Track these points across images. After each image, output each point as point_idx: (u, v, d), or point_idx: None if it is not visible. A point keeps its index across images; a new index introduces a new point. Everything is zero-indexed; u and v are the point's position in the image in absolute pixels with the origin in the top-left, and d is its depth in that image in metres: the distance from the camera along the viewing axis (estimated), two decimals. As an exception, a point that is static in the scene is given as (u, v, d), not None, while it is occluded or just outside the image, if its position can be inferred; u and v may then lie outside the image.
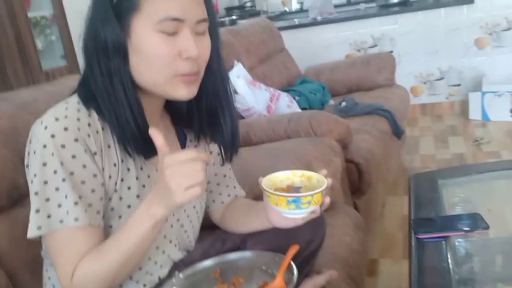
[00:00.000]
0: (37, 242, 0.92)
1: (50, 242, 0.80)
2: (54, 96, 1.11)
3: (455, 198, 1.37)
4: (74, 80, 0.92)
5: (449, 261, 1.04)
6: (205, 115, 0.96)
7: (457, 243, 1.11)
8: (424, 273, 1.04)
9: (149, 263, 0.94)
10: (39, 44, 2.62)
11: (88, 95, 0.84)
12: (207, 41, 0.86)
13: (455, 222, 1.18)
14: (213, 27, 0.89)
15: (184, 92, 0.85)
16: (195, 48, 0.81)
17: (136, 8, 0.79)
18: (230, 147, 1.00)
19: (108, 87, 0.81)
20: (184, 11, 0.80)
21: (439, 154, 2.95)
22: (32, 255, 0.98)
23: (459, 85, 3.68)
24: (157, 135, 0.78)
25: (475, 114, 3.45)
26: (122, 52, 0.81)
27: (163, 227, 0.93)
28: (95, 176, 0.81)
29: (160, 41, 0.80)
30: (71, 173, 0.78)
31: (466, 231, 1.13)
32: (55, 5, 2.63)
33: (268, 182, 0.91)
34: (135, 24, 0.80)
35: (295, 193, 0.86)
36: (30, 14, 2.48)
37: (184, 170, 0.73)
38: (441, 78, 3.71)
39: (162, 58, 0.81)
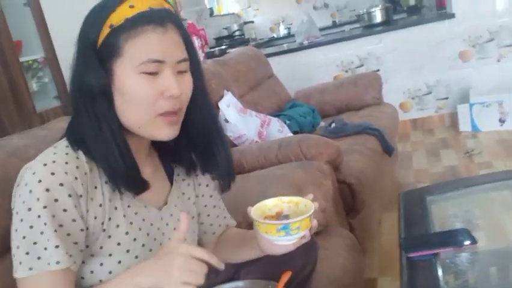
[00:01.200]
0: None
1: (29, 284, 0.81)
2: (46, 140, 1.14)
3: (445, 214, 1.40)
4: (65, 122, 0.95)
5: (440, 278, 1.06)
6: (197, 150, 1.00)
7: (447, 260, 1.13)
8: (416, 291, 1.05)
9: None
10: (34, 86, 2.67)
11: (77, 137, 0.87)
12: (188, 79, 0.90)
13: (443, 238, 1.20)
14: (195, 65, 0.93)
15: (166, 132, 0.88)
16: (177, 87, 0.85)
17: (118, 54, 0.83)
18: (226, 177, 1.03)
19: (96, 129, 0.85)
20: (164, 53, 0.84)
21: (432, 168, 2.98)
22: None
23: (447, 98, 3.73)
24: (183, 221, 0.84)
25: (464, 126, 3.50)
26: (107, 96, 0.84)
27: (148, 258, 0.94)
28: (74, 220, 0.83)
29: (143, 82, 0.83)
30: (52, 216, 0.80)
31: (454, 247, 1.15)
32: (46, 48, 2.68)
33: (257, 211, 0.94)
34: (118, 68, 0.84)
35: (284, 220, 0.89)
36: (22, 59, 2.53)
37: (192, 266, 0.78)
38: (429, 93, 3.77)
39: (145, 98, 0.84)
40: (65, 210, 0.82)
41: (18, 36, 2.54)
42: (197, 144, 0.98)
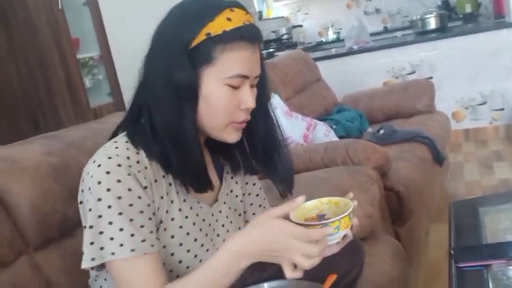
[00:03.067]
0: (86, 272, 0.98)
1: (116, 273, 0.84)
2: (100, 133, 1.19)
3: (497, 226, 1.34)
4: (118, 117, 1.00)
5: (492, 290, 1.02)
6: (258, 155, 1.02)
7: (499, 272, 1.08)
8: (466, 303, 1.02)
9: None
10: (87, 82, 2.78)
11: (138, 132, 0.90)
12: (255, 92, 0.95)
13: (496, 250, 1.16)
14: (265, 77, 0.98)
15: (234, 136, 0.94)
16: (253, 101, 0.91)
17: (210, 62, 0.87)
18: (285, 185, 1.04)
19: (177, 127, 0.88)
20: (250, 69, 0.90)
21: (484, 180, 2.86)
22: (81, 284, 1.03)
23: (502, 109, 3.58)
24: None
25: (520, 138, 3.35)
26: (194, 97, 0.88)
27: (200, 252, 0.96)
28: (149, 205, 0.86)
29: (227, 94, 0.88)
30: (130, 205, 0.83)
31: (508, 259, 1.10)
32: (102, 46, 2.79)
33: (297, 214, 0.93)
34: (206, 75, 0.87)
35: (322, 221, 0.88)
36: (79, 56, 2.64)
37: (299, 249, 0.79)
38: (484, 103, 3.63)
39: (226, 108, 0.89)
40: (139, 197, 0.85)
41: (76, 33, 2.66)
42: (258, 149, 1.01)
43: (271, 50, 4.71)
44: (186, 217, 0.94)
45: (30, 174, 1.11)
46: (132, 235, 0.82)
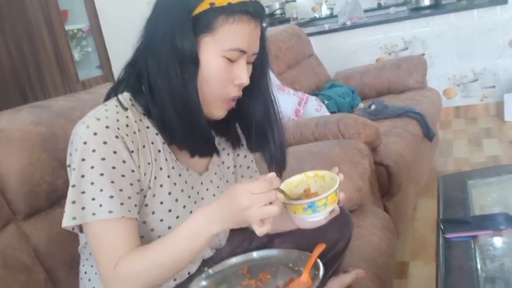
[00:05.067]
0: (74, 240, 0.98)
1: (89, 234, 0.84)
2: (90, 103, 1.18)
3: (485, 199, 1.36)
4: (108, 88, 0.98)
5: (477, 260, 1.04)
6: (255, 133, 1.02)
7: (485, 243, 1.10)
8: (451, 272, 1.04)
9: None
10: (76, 55, 2.73)
11: (140, 91, 0.90)
12: (250, 70, 0.94)
13: (483, 221, 1.17)
14: (266, 56, 0.97)
15: (220, 114, 0.94)
16: (247, 77, 0.90)
17: (210, 32, 0.86)
18: (277, 163, 1.04)
19: (182, 93, 0.87)
20: (249, 45, 0.89)
21: (473, 157, 2.89)
22: (69, 253, 1.03)
23: (493, 87, 3.59)
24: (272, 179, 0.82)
25: (510, 116, 3.36)
26: (195, 63, 0.87)
27: None
28: (133, 171, 0.86)
29: (222, 66, 0.88)
30: (113, 167, 0.83)
31: (494, 230, 1.12)
32: (91, 18, 2.74)
33: (283, 189, 0.93)
34: (205, 44, 0.87)
35: (308, 199, 0.88)
36: (67, 27, 2.59)
37: (263, 201, 0.78)
38: (475, 80, 3.63)
39: (219, 81, 0.89)
40: (124, 161, 0.84)
41: (65, 5, 2.61)
42: (253, 127, 1.01)
43: (264, 25, 4.66)
44: (175, 184, 0.93)
45: (18, 144, 1.09)
46: (111, 197, 0.82)
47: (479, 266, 1.02)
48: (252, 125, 1.01)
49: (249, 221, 0.79)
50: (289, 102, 2.43)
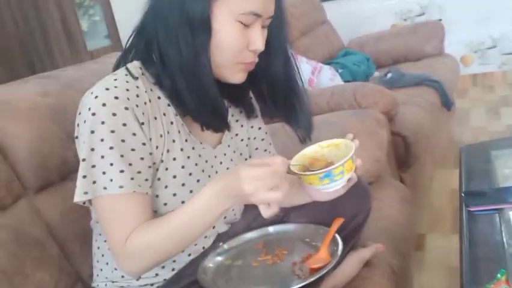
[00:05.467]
0: (86, 214, 0.96)
1: (100, 209, 0.82)
2: (99, 73, 1.12)
3: (509, 170, 1.31)
4: (116, 57, 0.94)
5: (503, 234, 1.00)
6: (280, 100, 0.98)
7: (511, 216, 1.06)
8: (476, 246, 1.00)
9: None
10: (84, 25, 2.67)
11: (150, 59, 0.86)
12: (265, 34, 0.89)
13: (509, 194, 1.13)
14: (283, 19, 0.92)
15: (239, 77, 0.90)
16: (263, 43, 0.86)
17: None
18: (304, 130, 1.00)
19: (193, 63, 0.83)
20: (264, 8, 0.84)
21: (491, 126, 2.81)
22: (82, 227, 1.01)
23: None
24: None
25: (530, 83, 3.27)
26: (207, 31, 0.83)
27: None
28: (144, 144, 0.82)
29: (236, 31, 0.83)
30: (122, 140, 0.79)
31: (521, 202, 1.07)
32: (98, -15, 2.67)
33: (297, 162, 0.90)
34: (217, 9, 0.82)
35: (324, 168, 0.84)
36: (74, -4, 2.54)
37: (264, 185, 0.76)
38: (494, 47, 3.51)
39: (234, 47, 0.84)
40: (134, 134, 0.81)
41: (71, -28, 2.53)
42: (278, 94, 0.97)
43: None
44: (188, 157, 0.90)
45: (26, 115, 1.06)
46: (122, 171, 0.79)
47: (505, 240, 0.98)
48: (272, 91, 0.97)
49: (256, 203, 0.77)
50: (302, 71, 2.36)
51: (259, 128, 1.09)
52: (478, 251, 0.98)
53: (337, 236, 0.92)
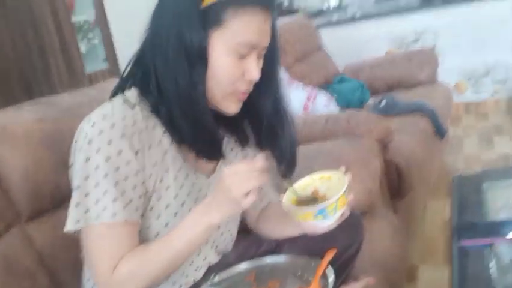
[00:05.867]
0: (78, 243, 0.95)
1: (90, 238, 0.82)
2: (96, 100, 1.14)
3: (502, 202, 1.32)
4: (114, 83, 0.95)
5: (494, 269, 1.00)
6: (265, 130, 0.98)
7: (502, 251, 1.06)
8: (466, 281, 1.00)
9: (186, 265, 0.95)
10: (83, 47, 2.70)
11: (147, 88, 0.87)
12: (261, 64, 0.90)
13: (501, 228, 1.14)
14: (276, 50, 0.94)
15: (234, 108, 0.91)
16: (258, 73, 0.87)
17: (220, 25, 0.83)
18: (287, 162, 1.01)
19: (189, 92, 0.84)
20: (260, 38, 0.86)
21: (484, 155, 2.83)
22: (74, 256, 1.00)
23: (506, 81, 3.52)
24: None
25: (523, 112, 3.31)
26: (204, 60, 0.84)
27: None
28: (137, 172, 0.83)
29: (232, 62, 0.84)
30: (117, 168, 0.80)
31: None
32: (97, 9, 2.71)
33: (290, 196, 0.91)
34: (214, 38, 0.83)
35: (318, 205, 0.85)
36: (73, 19, 2.56)
37: (243, 176, 0.78)
38: (487, 75, 3.56)
39: (229, 77, 0.85)
40: (128, 162, 0.81)
41: (71, -4, 2.57)
42: (264, 124, 0.98)
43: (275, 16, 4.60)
44: (181, 186, 0.91)
45: (22, 142, 1.06)
46: (115, 200, 0.80)
47: (495, 276, 0.98)
48: (262, 122, 0.97)
49: (235, 198, 0.78)
50: (298, 97, 2.39)
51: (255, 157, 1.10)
52: (468, 285, 0.99)
53: (330, 268, 0.92)
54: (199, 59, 0.83)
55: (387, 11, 3.70)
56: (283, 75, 2.42)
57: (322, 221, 0.86)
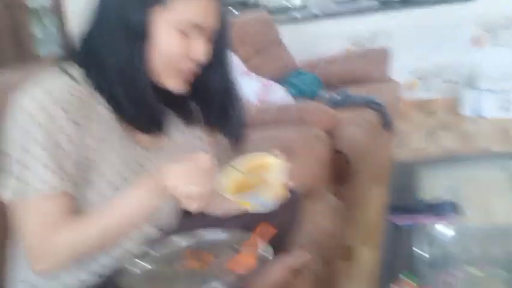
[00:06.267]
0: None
1: (23, 209, 0.82)
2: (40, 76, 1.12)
3: (436, 187, 1.39)
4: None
5: (421, 246, 1.06)
6: (215, 109, 1.00)
7: (430, 230, 1.13)
8: (395, 257, 1.06)
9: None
10: (38, 32, 2.64)
11: (91, 65, 0.87)
12: (210, 47, 0.92)
13: (431, 209, 1.20)
14: (226, 33, 0.95)
15: (179, 86, 0.92)
16: (203, 54, 0.89)
17: (163, 3, 0.84)
18: (236, 139, 1.04)
19: (128, 67, 0.86)
20: (207, 20, 0.87)
21: (429, 149, 2.96)
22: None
23: (454, 82, 3.68)
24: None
25: (468, 110, 3.46)
26: (142, 35, 0.85)
27: None
28: (76, 146, 0.83)
29: (176, 40, 0.86)
30: (56, 142, 0.80)
31: (441, 217, 1.14)
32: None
33: (231, 188, 0.92)
34: (157, 17, 0.85)
35: (255, 195, 0.89)
36: (28, 3, 2.50)
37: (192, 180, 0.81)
38: (437, 75, 3.71)
39: (174, 55, 0.87)
40: (68, 135, 0.82)
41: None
42: (215, 103, 1.00)
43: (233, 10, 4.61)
44: (124, 161, 0.92)
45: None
46: (53, 172, 0.80)
47: (423, 252, 1.04)
48: (212, 102, 1.00)
49: (179, 195, 0.81)
50: (253, 88, 2.42)
51: (201, 139, 1.11)
52: (397, 261, 1.04)
53: (262, 241, 0.95)
54: (139, 35, 0.85)
55: (347, 11, 3.79)
56: (240, 66, 2.45)
57: (261, 207, 0.90)
